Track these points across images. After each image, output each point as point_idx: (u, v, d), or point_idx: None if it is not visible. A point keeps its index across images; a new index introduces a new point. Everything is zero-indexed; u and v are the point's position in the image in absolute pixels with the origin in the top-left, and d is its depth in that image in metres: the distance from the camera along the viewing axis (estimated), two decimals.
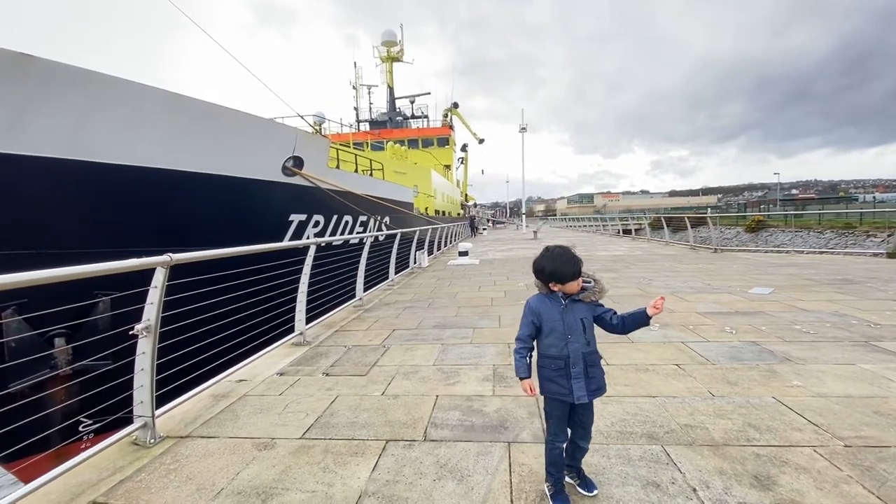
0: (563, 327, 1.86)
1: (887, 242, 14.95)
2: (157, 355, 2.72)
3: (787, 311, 5.22)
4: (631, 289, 7.18)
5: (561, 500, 1.92)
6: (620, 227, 27.55)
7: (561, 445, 1.93)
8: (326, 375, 3.70)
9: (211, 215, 7.34)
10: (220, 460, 2.40)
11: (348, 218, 10.96)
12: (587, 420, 1.93)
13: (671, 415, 2.71)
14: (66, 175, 5.69)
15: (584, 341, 1.86)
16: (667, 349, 3.99)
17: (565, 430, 1.93)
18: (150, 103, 6.42)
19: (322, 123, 13.13)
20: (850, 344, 3.94)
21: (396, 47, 35.19)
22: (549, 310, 1.90)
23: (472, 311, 6.04)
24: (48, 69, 5.40)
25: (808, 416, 2.62)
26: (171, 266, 2.69)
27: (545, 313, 1.90)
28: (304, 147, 9.06)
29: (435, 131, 36.37)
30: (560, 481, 1.95)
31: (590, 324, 1.89)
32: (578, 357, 1.84)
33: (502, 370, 3.61)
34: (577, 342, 1.85)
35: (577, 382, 1.83)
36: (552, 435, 1.93)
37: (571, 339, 1.85)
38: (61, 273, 2.08)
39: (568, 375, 1.84)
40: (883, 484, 1.97)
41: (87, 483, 2.21)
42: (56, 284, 2.08)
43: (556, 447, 1.92)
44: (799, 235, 26.56)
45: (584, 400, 1.84)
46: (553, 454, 1.93)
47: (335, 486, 2.12)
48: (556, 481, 1.94)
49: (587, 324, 1.88)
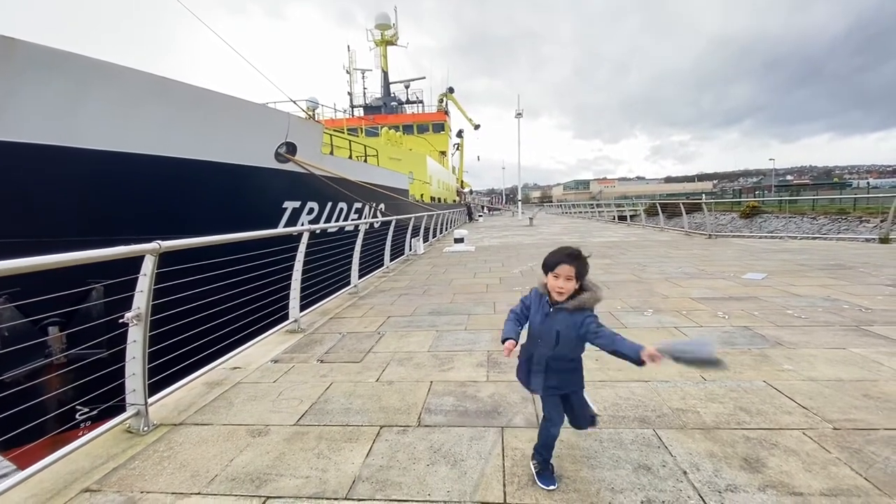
0: (537, 331, 1.89)
1: (880, 228, 15.06)
2: (150, 343, 2.70)
3: (780, 297, 5.25)
4: (626, 274, 7.21)
5: (545, 479, 1.96)
6: (616, 214, 27.59)
7: (554, 431, 1.95)
8: (321, 362, 3.70)
9: (203, 203, 7.26)
10: (214, 447, 2.41)
11: (343, 205, 10.89)
12: (577, 405, 1.94)
13: (663, 399, 2.73)
14: (53, 162, 5.59)
15: (550, 349, 1.84)
16: (660, 334, 4.01)
17: (560, 415, 1.94)
18: (138, 88, 6.30)
19: (315, 109, 12.93)
20: (841, 328, 3.98)
21: (391, 30, 34.61)
22: (536, 308, 1.91)
23: (467, 297, 6.05)
24: (33, 53, 5.27)
25: (798, 400, 2.65)
26: (160, 253, 2.65)
27: (533, 308, 1.93)
28: (298, 133, 8.94)
29: (430, 117, 36.02)
30: (546, 461, 1.99)
31: (567, 337, 1.81)
32: (542, 359, 1.87)
33: (496, 356, 3.63)
34: (545, 348, 1.85)
35: (536, 377, 1.89)
36: (547, 420, 1.96)
37: (540, 343, 1.87)
38: (48, 260, 2.04)
39: (529, 369, 1.92)
40: (871, 466, 1.99)
41: (81, 471, 2.21)
42: (47, 272, 2.05)
43: (549, 433, 1.95)
44: (793, 221, 26.68)
45: (537, 393, 1.92)
46: (543, 436, 1.98)
47: (329, 472, 2.13)
48: (543, 461, 1.99)
49: (562, 337, 1.81)
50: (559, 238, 15.36)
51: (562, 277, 1.80)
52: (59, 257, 2.11)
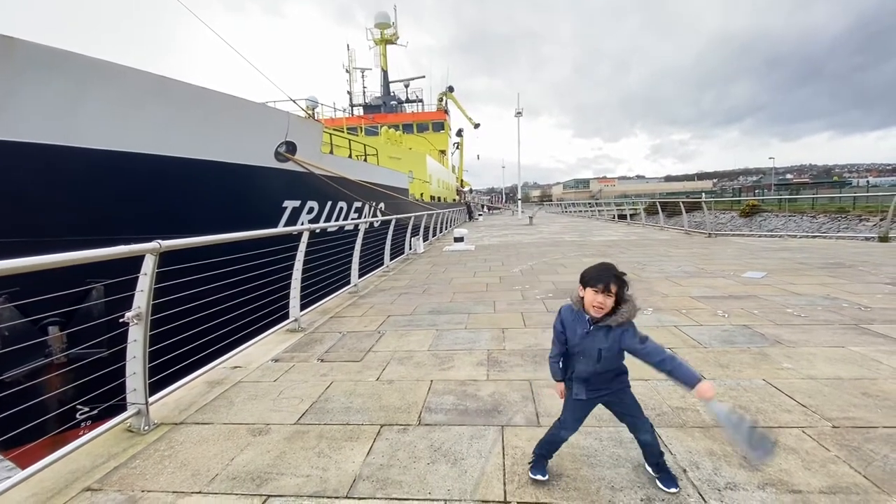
0: (577, 348, 1.87)
1: (879, 226, 15.07)
2: (150, 343, 2.71)
3: (780, 295, 5.26)
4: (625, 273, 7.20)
5: (538, 470, 2.01)
6: (616, 213, 27.59)
7: (562, 435, 1.97)
8: (321, 361, 3.71)
9: (203, 202, 7.26)
10: (215, 446, 2.41)
11: (343, 204, 10.88)
12: (625, 412, 1.93)
13: (663, 398, 2.74)
14: (53, 161, 5.59)
15: (593, 366, 1.83)
16: (660, 333, 4.01)
17: (574, 423, 1.95)
18: (138, 87, 6.29)
19: (315, 108, 12.90)
20: (840, 327, 3.98)
21: (390, 29, 34.55)
22: (573, 325, 1.88)
23: (467, 296, 6.05)
24: (33, 52, 5.27)
25: (797, 398, 2.65)
26: (160, 253, 2.66)
27: (569, 327, 1.90)
28: (297, 132, 8.93)
29: (430, 116, 35.97)
30: (543, 458, 2.03)
31: (609, 355, 1.81)
32: (583, 374, 1.87)
33: (496, 355, 3.63)
34: (587, 365, 1.85)
35: (578, 386, 1.89)
36: (560, 421, 1.99)
37: (582, 359, 1.85)
38: (48, 260, 2.05)
39: (572, 377, 1.91)
40: (869, 464, 2.00)
41: (82, 470, 2.22)
42: (47, 272, 2.05)
43: (559, 436, 1.98)
44: (792, 220, 26.68)
45: (581, 397, 1.89)
46: (551, 437, 2.00)
47: (330, 471, 2.14)
48: (539, 457, 2.03)
49: (605, 355, 1.81)
50: (559, 237, 15.35)
51: (602, 294, 1.78)
52: (60, 257, 2.12)
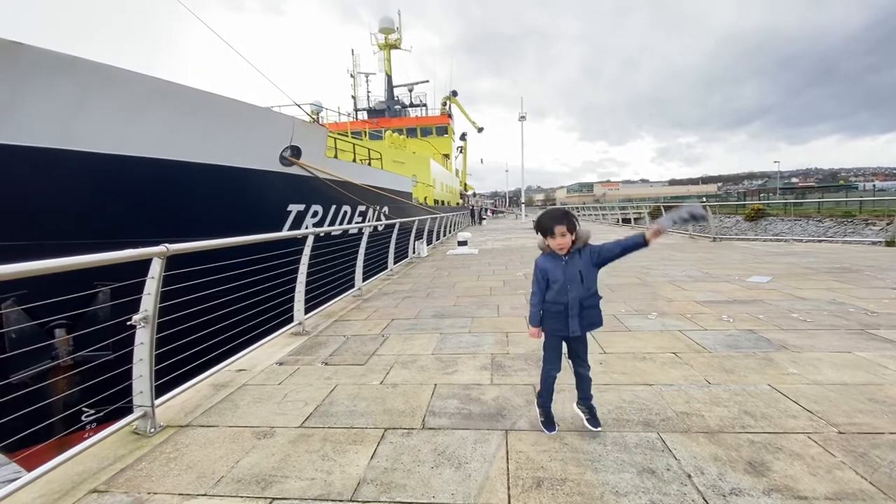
0: (564, 280, 2.23)
1: (886, 231, 14.96)
2: (156, 345, 2.73)
3: (785, 300, 5.23)
4: (629, 277, 7.19)
5: (548, 426, 2.41)
6: (620, 217, 27.56)
7: (554, 374, 2.39)
8: (325, 365, 3.72)
9: (208, 206, 7.31)
10: (220, 449, 2.42)
11: (347, 208, 10.93)
12: (581, 350, 2.36)
13: (667, 402, 2.73)
14: (59, 165, 5.65)
15: (583, 289, 2.22)
16: (664, 338, 4.01)
17: (559, 361, 2.38)
18: (143, 92, 6.36)
19: (319, 112, 13.01)
20: (846, 332, 3.96)
21: (394, 34, 34.77)
22: (553, 266, 2.26)
23: (470, 300, 6.06)
24: (39, 57, 5.34)
25: (802, 404, 2.64)
26: (167, 256, 2.68)
27: (550, 270, 2.27)
28: (302, 136, 8.99)
29: (433, 120, 36.08)
30: (548, 407, 2.45)
31: (588, 272, 2.23)
32: (576, 303, 2.22)
33: (500, 359, 3.63)
34: (576, 291, 2.22)
35: (573, 321, 2.24)
36: (547, 364, 2.39)
37: (570, 288, 2.22)
38: (57, 264, 2.07)
39: (566, 316, 2.25)
40: (876, 470, 1.99)
41: (89, 472, 2.23)
42: (54, 275, 2.08)
43: (550, 376, 2.40)
44: (798, 224, 26.52)
45: (577, 333, 2.27)
46: (547, 381, 2.42)
47: (334, 474, 2.15)
48: (546, 410, 2.44)
49: (584, 274, 2.22)
50: None
51: (559, 235, 2.20)
52: (69, 261, 2.14)
